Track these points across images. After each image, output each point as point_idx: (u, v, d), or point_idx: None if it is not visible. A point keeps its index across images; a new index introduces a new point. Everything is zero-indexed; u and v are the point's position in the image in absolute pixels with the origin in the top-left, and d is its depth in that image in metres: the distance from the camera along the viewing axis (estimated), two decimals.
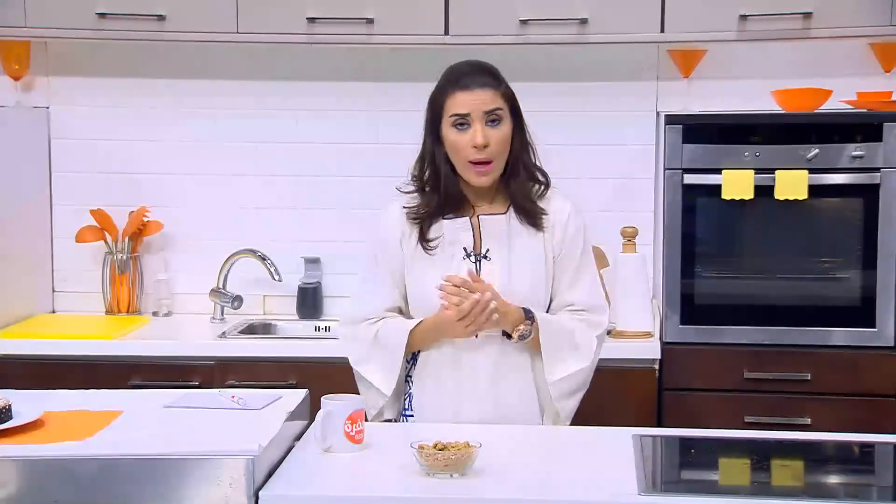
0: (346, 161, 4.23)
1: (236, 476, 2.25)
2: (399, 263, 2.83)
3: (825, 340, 3.68)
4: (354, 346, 2.85)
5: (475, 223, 2.81)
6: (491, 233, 2.80)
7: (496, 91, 2.77)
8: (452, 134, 2.75)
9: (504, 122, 2.77)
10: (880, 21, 3.69)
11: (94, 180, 4.28)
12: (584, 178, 4.12)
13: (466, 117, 2.74)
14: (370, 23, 3.82)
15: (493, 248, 2.79)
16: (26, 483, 2.26)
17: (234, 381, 3.68)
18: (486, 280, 2.74)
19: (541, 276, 2.81)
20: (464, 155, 2.75)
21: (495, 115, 2.75)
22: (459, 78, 2.77)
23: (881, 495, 2.50)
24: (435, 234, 2.81)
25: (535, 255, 2.80)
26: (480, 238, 2.81)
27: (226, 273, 4.20)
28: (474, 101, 2.74)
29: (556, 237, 2.82)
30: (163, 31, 3.86)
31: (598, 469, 2.47)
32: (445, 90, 2.78)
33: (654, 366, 3.69)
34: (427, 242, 2.80)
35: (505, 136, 2.76)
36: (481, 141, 2.72)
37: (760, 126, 3.74)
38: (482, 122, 2.74)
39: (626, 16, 3.77)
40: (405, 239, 2.82)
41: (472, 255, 2.79)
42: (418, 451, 2.36)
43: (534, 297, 2.80)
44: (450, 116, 2.76)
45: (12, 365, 3.73)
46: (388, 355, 2.79)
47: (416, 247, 2.81)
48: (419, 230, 2.81)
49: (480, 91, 2.75)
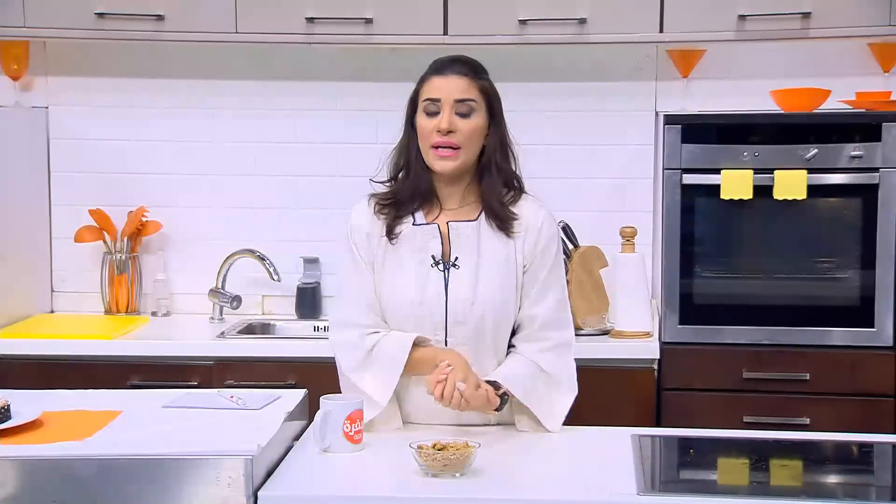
0: (345, 161, 4.23)
1: (235, 476, 2.25)
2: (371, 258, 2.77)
3: (824, 340, 3.68)
4: (348, 354, 2.75)
5: (444, 231, 2.76)
6: (460, 240, 2.74)
7: (472, 82, 2.73)
8: (422, 120, 2.73)
9: (476, 115, 2.72)
10: (879, 21, 3.69)
11: (93, 180, 4.28)
12: (583, 177, 4.12)
13: (437, 102, 2.71)
14: (369, 23, 3.82)
15: (462, 256, 2.73)
16: (25, 483, 2.26)
17: (232, 381, 3.68)
18: (453, 290, 2.71)
19: (510, 285, 2.74)
20: (428, 139, 2.71)
21: (467, 105, 2.71)
22: (438, 65, 2.76)
23: (880, 495, 2.50)
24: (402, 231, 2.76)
25: (505, 262, 2.74)
26: (450, 245, 2.75)
27: (225, 273, 4.20)
28: (447, 87, 2.71)
29: (527, 243, 2.75)
30: (162, 31, 3.86)
31: (596, 469, 2.47)
32: (424, 77, 2.77)
33: (653, 366, 3.69)
34: (392, 237, 2.75)
35: (474, 128, 2.72)
36: (445, 126, 2.68)
37: (759, 126, 3.74)
38: (451, 108, 2.70)
39: (625, 16, 3.77)
40: (374, 237, 2.77)
41: (440, 262, 2.74)
42: (417, 450, 2.36)
43: (503, 306, 2.73)
44: (423, 101, 2.74)
45: (11, 365, 3.73)
46: (387, 368, 2.70)
47: (385, 247, 2.76)
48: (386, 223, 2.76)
49: (455, 77, 2.72)
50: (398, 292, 2.73)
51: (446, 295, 2.72)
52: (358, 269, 2.77)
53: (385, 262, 2.76)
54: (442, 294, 2.72)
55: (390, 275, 2.75)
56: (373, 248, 2.77)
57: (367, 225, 2.78)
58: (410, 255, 2.75)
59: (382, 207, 2.78)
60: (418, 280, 2.72)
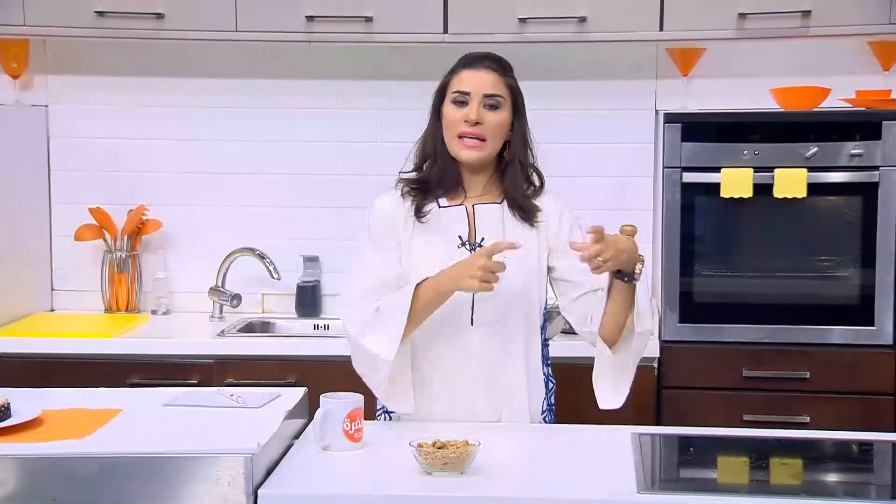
0: (345, 159, 4.23)
1: (235, 474, 2.25)
2: (396, 242, 2.80)
3: (824, 339, 3.69)
4: (356, 320, 2.74)
5: (470, 211, 2.82)
6: (486, 221, 2.80)
7: (501, 78, 2.81)
8: (450, 110, 2.79)
9: (502, 110, 2.79)
10: (879, 19, 3.69)
11: (93, 179, 4.28)
12: (583, 176, 4.12)
13: (466, 95, 2.77)
14: (369, 21, 3.82)
15: (489, 237, 2.79)
16: (25, 481, 2.26)
17: (232, 379, 3.68)
18: None
19: (534, 269, 2.80)
20: (455, 129, 2.77)
21: (495, 100, 2.78)
22: (469, 60, 2.84)
23: (879, 493, 2.50)
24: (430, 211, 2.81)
25: (530, 247, 2.79)
26: (475, 226, 2.81)
27: (224, 271, 4.21)
28: (478, 80, 2.78)
29: (549, 230, 2.82)
30: (162, 30, 3.86)
31: (596, 467, 2.47)
32: (453, 70, 2.84)
33: (653, 364, 3.69)
34: (421, 215, 2.80)
35: (501, 121, 2.79)
36: (474, 116, 2.75)
37: (759, 124, 3.74)
38: (480, 102, 2.77)
39: (625, 14, 3.77)
40: (400, 220, 2.81)
41: (466, 243, 2.79)
42: (417, 449, 2.36)
43: (526, 288, 2.79)
44: (452, 93, 2.80)
45: (11, 363, 3.73)
46: (390, 319, 2.69)
47: (413, 228, 2.80)
48: (415, 203, 2.81)
49: (485, 72, 2.79)
50: (425, 271, 2.75)
51: None
52: (374, 246, 2.81)
53: (412, 243, 2.80)
54: None
55: (417, 254, 2.79)
56: (397, 230, 2.81)
57: (391, 209, 2.83)
58: (437, 236, 2.80)
59: (410, 190, 2.83)
60: (445, 260, 2.75)
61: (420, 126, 2.87)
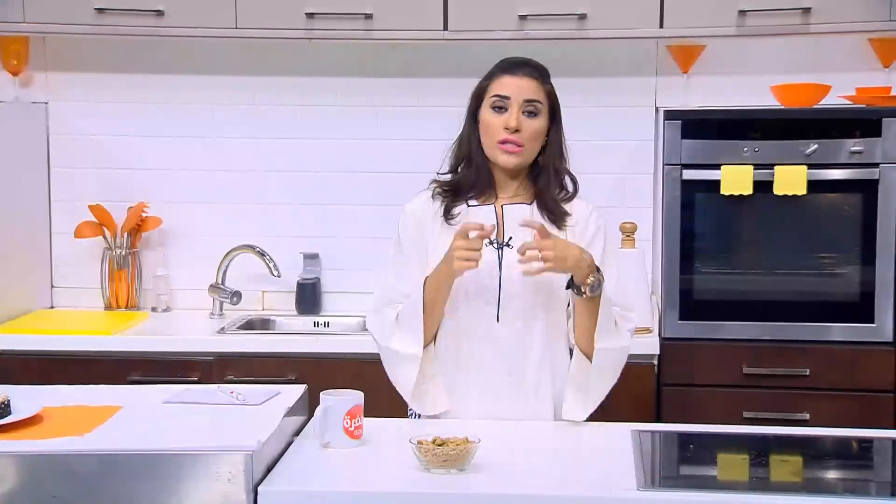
0: (345, 157, 4.23)
1: (235, 471, 2.25)
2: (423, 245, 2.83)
3: (824, 336, 3.68)
4: (381, 329, 2.83)
5: (499, 211, 2.84)
6: (514, 221, 2.81)
7: (540, 84, 2.83)
8: (489, 115, 2.81)
9: (540, 117, 2.81)
10: (879, 16, 3.69)
11: (93, 176, 4.28)
12: (583, 173, 4.06)
13: (506, 100, 2.79)
14: (369, 18, 3.81)
15: (517, 237, 2.80)
16: (25, 478, 2.26)
17: (232, 376, 3.68)
18: (507, 268, 2.77)
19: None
20: (495, 135, 2.79)
21: (534, 106, 2.80)
22: (509, 65, 2.85)
23: (879, 490, 2.50)
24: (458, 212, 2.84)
25: None
26: (503, 226, 2.82)
27: (224, 269, 4.20)
28: (518, 86, 2.80)
29: (576, 234, 2.83)
30: (161, 27, 3.86)
31: (596, 464, 2.47)
32: (492, 74, 2.85)
33: (653, 361, 3.69)
34: (450, 217, 2.82)
35: (539, 129, 2.81)
36: (514, 123, 2.77)
37: (759, 121, 3.73)
38: (519, 108, 2.79)
39: (625, 11, 3.77)
40: (428, 219, 2.84)
41: (495, 241, 2.80)
42: (417, 446, 2.36)
43: (554, 289, 2.80)
44: (491, 97, 2.81)
45: (11, 360, 3.73)
46: (408, 318, 2.76)
47: (441, 225, 2.82)
48: (445, 205, 2.83)
49: (526, 79, 2.81)
50: None
51: (500, 273, 2.78)
52: (401, 254, 2.85)
53: (439, 242, 2.81)
54: (496, 273, 2.78)
55: (443, 252, 2.78)
56: (425, 231, 2.84)
57: (420, 210, 2.86)
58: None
59: (443, 192, 2.86)
60: None
61: (420, 124, 2.88)
